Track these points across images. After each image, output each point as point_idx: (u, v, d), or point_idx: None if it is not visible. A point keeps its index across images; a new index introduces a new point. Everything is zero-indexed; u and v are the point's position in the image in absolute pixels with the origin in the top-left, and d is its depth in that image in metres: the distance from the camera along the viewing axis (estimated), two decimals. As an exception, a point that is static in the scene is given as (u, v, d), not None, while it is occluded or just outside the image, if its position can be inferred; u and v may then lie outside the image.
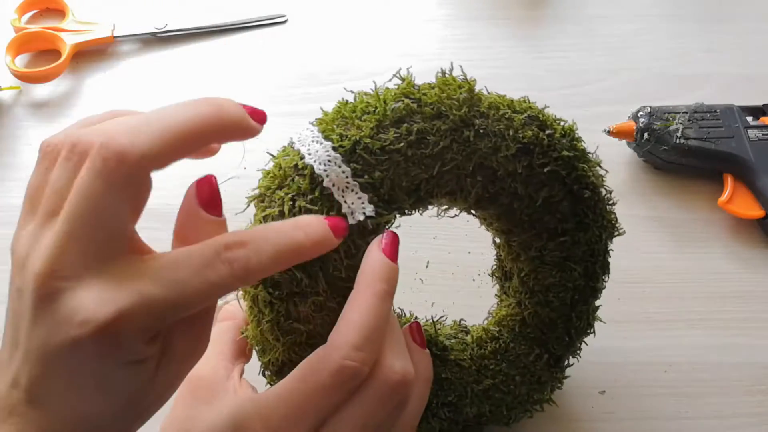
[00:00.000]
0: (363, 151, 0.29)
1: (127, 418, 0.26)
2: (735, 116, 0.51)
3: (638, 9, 0.63)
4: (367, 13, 0.63)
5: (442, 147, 0.31)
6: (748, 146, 0.49)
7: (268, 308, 0.30)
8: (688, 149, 0.49)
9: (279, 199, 0.29)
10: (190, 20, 0.61)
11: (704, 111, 0.51)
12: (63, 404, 0.24)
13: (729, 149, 0.49)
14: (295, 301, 0.30)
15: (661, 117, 0.50)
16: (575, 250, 0.34)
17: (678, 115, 0.50)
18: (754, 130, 0.50)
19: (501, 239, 0.37)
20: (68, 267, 0.23)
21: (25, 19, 0.62)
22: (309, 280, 0.29)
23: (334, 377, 0.27)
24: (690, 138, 0.49)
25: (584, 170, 0.33)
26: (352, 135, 0.30)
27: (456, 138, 0.31)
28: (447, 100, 0.31)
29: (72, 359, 0.23)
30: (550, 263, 0.35)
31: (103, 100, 0.57)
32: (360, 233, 0.30)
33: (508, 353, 0.37)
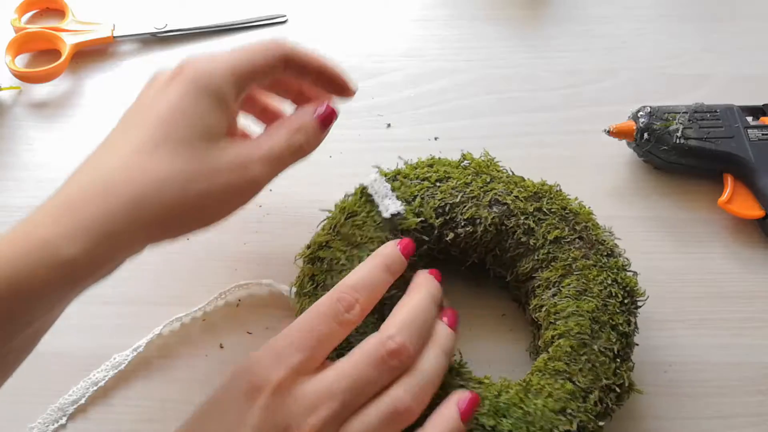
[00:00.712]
0: (402, 177, 0.43)
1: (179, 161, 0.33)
2: (735, 116, 0.50)
3: (638, 9, 0.63)
4: (367, 13, 0.63)
5: (463, 182, 0.43)
6: (748, 146, 0.49)
7: (310, 282, 0.40)
8: (688, 149, 0.49)
9: (338, 205, 0.43)
10: (190, 20, 0.61)
11: (704, 111, 0.50)
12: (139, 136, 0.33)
13: (729, 149, 0.49)
14: (332, 275, 0.39)
15: (661, 117, 0.50)
16: (591, 285, 0.39)
17: (678, 115, 0.50)
18: (754, 130, 0.50)
19: (528, 294, 0.42)
20: None
21: (25, 19, 0.62)
22: (346, 260, 0.40)
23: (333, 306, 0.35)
24: (690, 138, 0.49)
25: (594, 225, 0.42)
26: (395, 171, 0.44)
27: (475, 178, 0.43)
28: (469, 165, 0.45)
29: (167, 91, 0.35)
30: (567, 296, 0.39)
31: (103, 100, 0.57)
32: (392, 231, 0.41)
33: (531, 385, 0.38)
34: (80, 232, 0.29)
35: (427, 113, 0.56)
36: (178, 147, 0.33)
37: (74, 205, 0.30)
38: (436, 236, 0.43)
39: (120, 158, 0.32)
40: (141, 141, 0.32)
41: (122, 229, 0.30)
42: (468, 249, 0.43)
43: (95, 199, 0.30)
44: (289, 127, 0.38)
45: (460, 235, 0.42)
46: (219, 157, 0.34)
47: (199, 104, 0.34)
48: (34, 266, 0.28)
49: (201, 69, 0.34)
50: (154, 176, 0.32)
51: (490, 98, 0.57)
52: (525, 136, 0.54)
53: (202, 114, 0.34)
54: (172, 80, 0.35)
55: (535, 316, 0.41)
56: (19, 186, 0.53)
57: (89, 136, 0.55)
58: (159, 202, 0.31)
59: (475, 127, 0.55)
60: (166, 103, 0.34)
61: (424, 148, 0.53)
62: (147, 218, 0.31)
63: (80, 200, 0.30)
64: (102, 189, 0.31)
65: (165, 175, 0.32)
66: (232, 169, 0.34)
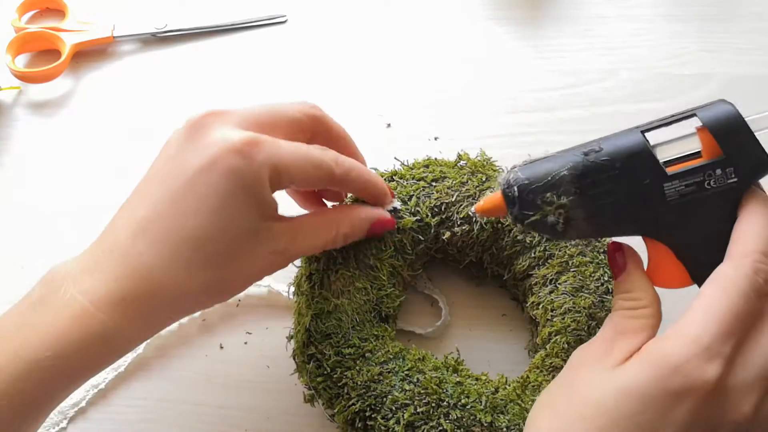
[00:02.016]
0: (398, 177, 0.44)
1: (223, 258, 0.32)
2: (643, 166, 0.32)
3: (638, 9, 0.63)
4: (367, 13, 0.63)
5: (459, 181, 0.43)
6: (665, 214, 0.32)
7: (307, 282, 0.40)
8: (579, 235, 0.33)
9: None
10: (190, 20, 0.61)
11: (597, 172, 0.32)
12: (173, 226, 0.32)
13: (636, 227, 0.33)
14: (329, 274, 0.40)
15: (535, 194, 0.32)
16: (587, 281, 0.39)
17: (560, 189, 0.32)
18: (672, 184, 0.32)
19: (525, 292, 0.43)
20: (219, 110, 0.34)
21: (25, 19, 0.62)
22: (343, 259, 0.40)
23: (749, 283, 0.28)
24: (580, 221, 0.32)
25: None
26: (392, 172, 0.44)
27: (471, 177, 0.43)
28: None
29: (205, 177, 0.31)
30: (564, 293, 0.39)
31: (103, 100, 0.57)
32: (387, 233, 0.41)
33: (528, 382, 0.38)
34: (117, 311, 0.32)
35: (427, 113, 0.56)
36: (218, 247, 0.32)
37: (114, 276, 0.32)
38: (432, 235, 0.43)
39: (154, 246, 0.32)
40: (181, 230, 0.32)
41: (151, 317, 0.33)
42: (465, 248, 0.43)
43: (127, 271, 0.32)
44: (338, 228, 0.37)
45: (457, 233, 0.42)
46: (254, 252, 0.33)
47: (239, 203, 0.32)
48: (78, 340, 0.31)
49: (244, 165, 0.31)
50: (192, 272, 0.32)
51: (490, 98, 0.57)
52: (525, 136, 0.54)
53: (242, 213, 0.32)
54: (215, 167, 0.31)
55: (533, 313, 0.41)
56: (18, 186, 0.53)
57: (89, 135, 0.56)
58: (191, 296, 0.33)
59: (475, 127, 0.55)
60: (207, 197, 0.32)
61: (423, 148, 0.53)
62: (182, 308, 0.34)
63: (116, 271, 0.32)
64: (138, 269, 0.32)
65: (201, 271, 0.32)
66: (268, 262, 0.35)
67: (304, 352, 0.39)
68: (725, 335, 0.28)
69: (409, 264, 0.43)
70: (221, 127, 0.33)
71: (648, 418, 0.27)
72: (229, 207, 0.32)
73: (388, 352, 0.38)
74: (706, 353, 0.27)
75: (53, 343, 0.30)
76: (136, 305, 0.31)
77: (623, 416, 0.28)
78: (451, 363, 0.39)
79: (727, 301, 0.28)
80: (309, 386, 0.39)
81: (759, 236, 0.29)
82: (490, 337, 0.44)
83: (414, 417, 0.36)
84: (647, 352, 0.29)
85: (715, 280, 0.29)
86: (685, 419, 0.27)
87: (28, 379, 0.30)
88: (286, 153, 0.33)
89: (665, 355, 0.28)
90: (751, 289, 0.28)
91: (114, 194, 0.51)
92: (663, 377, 0.27)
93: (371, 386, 0.37)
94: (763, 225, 0.30)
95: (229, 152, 0.31)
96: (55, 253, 0.49)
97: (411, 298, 0.45)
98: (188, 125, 0.33)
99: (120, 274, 0.32)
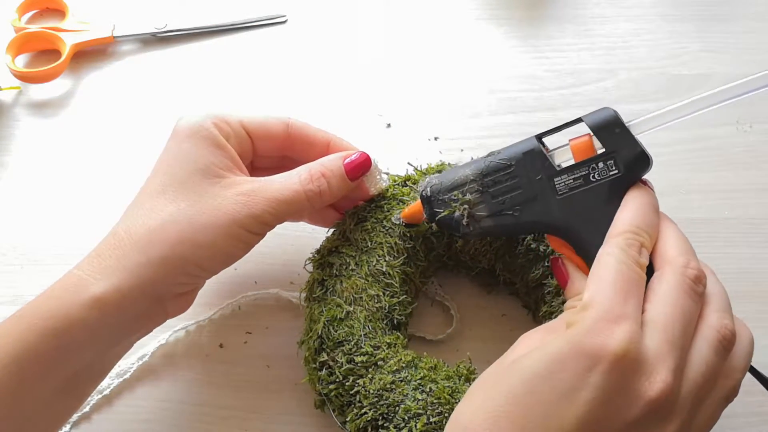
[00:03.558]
0: (411, 183, 0.44)
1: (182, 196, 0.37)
2: (536, 163, 0.36)
3: (638, 9, 0.63)
4: (367, 14, 0.63)
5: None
6: (556, 206, 0.35)
7: (319, 288, 0.40)
8: (482, 232, 0.37)
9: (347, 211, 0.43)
10: (190, 20, 0.61)
11: (496, 171, 0.37)
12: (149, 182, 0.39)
13: (532, 217, 0.36)
14: (341, 280, 0.40)
15: (445, 194, 0.38)
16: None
17: (465, 187, 0.37)
18: (562, 178, 0.35)
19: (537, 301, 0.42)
20: None
21: (25, 19, 0.62)
22: (355, 265, 0.40)
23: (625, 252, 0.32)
24: (482, 217, 0.37)
25: None
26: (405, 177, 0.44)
27: None
28: None
29: (173, 140, 0.40)
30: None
31: (103, 100, 0.57)
32: (401, 236, 0.41)
33: None
34: (104, 270, 0.35)
35: (427, 113, 0.56)
36: (180, 187, 0.37)
37: (99, 248, 0.37)
38: (445, 242, 0.42)
39: (136, 203, 0.38)
40: (152, 186, 0.38)
41: (136, 262, 0.35)
42: (478, 255, 0.43)
43: (111, 240, 0.36)
44: (310, 170, 0.39)
45: (470, 241, 0.42)
46: (220, 193, 0.37)
47: (193, 147, 0.38)
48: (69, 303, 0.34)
49: (188, 120, 0.39)
50: (163, 214, 0.36)
51: (490, 98, 0.57)
52: (525, 136, 0.54)
53: (196, 155, 0.38)
54: (176, 133, 0.40)
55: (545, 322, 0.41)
56: (19, 186, 0.53)
57: (89, 135, 0.56)
58: (168, 237, 0.36)
59: (475, 127, 0.55)
60: (166, 153, 0.39)
61: (424, 148, 0.53)
62: (159, 252, 0.35)
63: (103, 245, 0.37)
64: (117, 234, 0.37)
65: (171, 210, 0.37)
66: (235, 202, 0.37)
67: (316, 359, 0.39)
68: (621, 297, 0.30)
69: (421, 271, 0.43)
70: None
71: (565, 377, 0.28)
72: (184, 149, 0.38)
73: (400, 360, 0.38)
74: (611, 315, 0.29)
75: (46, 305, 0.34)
76: (104, 255, 0.36)
77: (542, 376, 0.29)
78: (464, 372, 0.39)
79: (612, 270, 0.31)
80: (320, 393, 0.39)
81: (630, 217, 0.33)
82: (491, 337, 0.44)
83: (427, 427, 0.36)
84: (568, 324, 0.31)
85: (597, 259, 0.32)
86: (601, 382, 0.28)
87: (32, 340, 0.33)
88: (229, 112, 0.41)
89: (578, 322, 0.30)
90: (628, 258, 0.32)
91: (114, 194, 0.51)
92: (577, 340, 0.29)
93: (383, 395, 0.37)
94: (634, 208, 0.34)
95: (188, 120, 0.39)
96: (56, 253, 0.49)
97: (419, 303, 0.45)
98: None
99: (104, 243, 0.37)
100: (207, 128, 0.39)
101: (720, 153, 0.53)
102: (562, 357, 0.29)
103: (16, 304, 0.46)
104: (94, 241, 0.37)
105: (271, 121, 0.41)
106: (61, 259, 0.49)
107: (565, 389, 0.28)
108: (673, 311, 0.30)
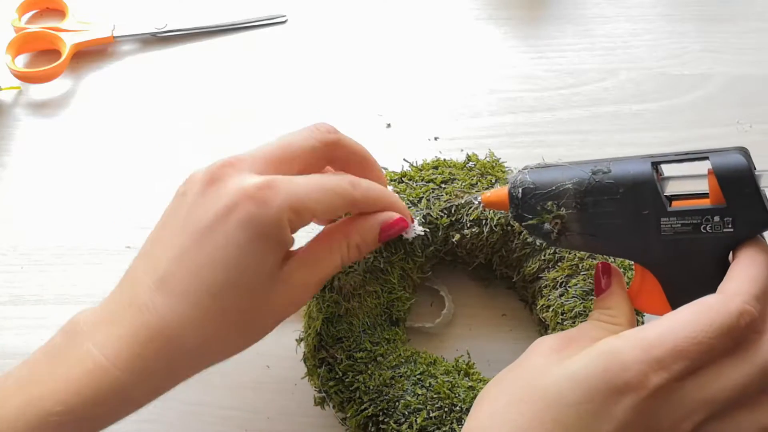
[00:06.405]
0: (407, 179, 0.44)
1: (241, 307, 0.32)
2: (645, 196, 0.32)
3: (638, 9, 0.63)
4: (367, 13, 0.63)
5: (469, 183, 0.43)
6: (657, 245, 0.32)
7: None
8: (569, 246, 0.35)
9: None
10: (190, 20, 0.61)
11: (600, 192, 0.33)
12: (192, 279, 0.31)
13: (627, 249, 0.33)
14: (339, 277, 0.39)
15: (537, 199, 0.34)
16: None
17: (562, 201, 0.33)
18: (670, 220, 0.32)
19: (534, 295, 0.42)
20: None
21: (25, 19, 0.62)
22: (353, 262, 0.39)
23: (729, 320, 0.27)
24: (573, 234, 0.34)
25: None
26: (401, 173, 0.44)
27: (481, 179, 0.44)
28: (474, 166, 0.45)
29: (223, 227, 0.31)
30: (574, 296, 0.39)
31: (103, 100, 0.57)
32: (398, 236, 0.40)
33: None
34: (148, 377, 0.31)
35: (427, 113, 0.56)
36: (236, 295, 0.32)
37: (140, 343, 0.31)
38: (442, 237, 0.43)
39: (170, 298, 0.31)
40: (199, 281, 0.31)
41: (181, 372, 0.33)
42: (474, 250, 0.43)
43: (154, 337, 0.31)
44: (346, 237, 0.36)
45: (467, 236, 0.42)
46: (274, 299, 0.33)
47: (257, 250, 0.31)
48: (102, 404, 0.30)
49: (260, 212, 0.31)
50: (209, 323, 0.31)
51: (490, 98, 0.57)
52: (525, 136, 0.54)
53: (260, 260, 0.32)
54: (231, 215, 0.31)
55: (543, 316, 0.41)
56: (19, 186, 0.53)
57: (89, 135, 0.56)
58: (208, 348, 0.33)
59: (475, 127, 0.55)
60: (224, 246, 0.31)
61: (424, 148, 0.53)
62: (209, 362, 0.34)
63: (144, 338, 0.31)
64: (164, 334, 0.31)
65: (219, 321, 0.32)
66: (288, 306, 0.34)
67: (315, 355, 0.39)
68: (680, 356, 0.27)
69: (418, 266, 0.43)
70: (236, 175, 0.32)
71: (589, 408, 0.27)
72: (246, 257, 0.31)
73: (399, 356, 0.38)
74: (655, 364, 0.27)
75: (66, 396, 0.30)
76: (152, 361, 0.31)
77: (566, 403, 0.28)
78: (463, 367, 0.39)
79: (699, 329, 0.27)
80: (320, 390, 0.39)
81: (755, 279, 0.29)
82: (491, 337, 0.44)
83: (427, 422, 0.36)
84: (600, 345, 0.29)
85: (697, 304, 0.28)
86: (624, 417, 0.27)
87: (40, 429, 0.29)
88: (302, 190, 0.32)
89: (616, 351, 0.28)
90: (729, 327, 0.27)
91: (114, 194, 0.51)
92: (609, 371, 0.27)
93: (383, 390, 0.37)
94: (760, 270, 0.30)
95: (244, 200, 0.31)
96: (56, 253, 0.49)
97: (417, 298, 0.45)
98: (205, 176, 0.33)
99: (137, 329, 0.31)
100: (282, 226, 0.32)
101: (720, 153, 0.53)
102: (591, 388, 0.27)
103: (16, 304, 0.46)
104: (94, 241, 0.37)
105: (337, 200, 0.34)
106: (61, 259, 0.49)
107: (590, 421, 0.27)
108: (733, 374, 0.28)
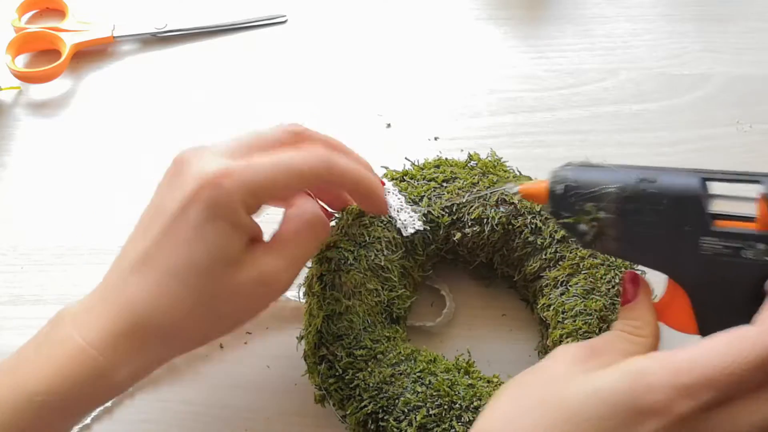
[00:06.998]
0: (408, 178, 0.44)
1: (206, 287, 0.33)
2: (688, 211, 0.31)
3: (638, 9, 0.63)
4: (367, 13, 0.63)
5: (470, 182, 0.43)
6: (695, 263, 0.31)
7: (318, 283, 0.40)
8: (602, 249, 0.34)
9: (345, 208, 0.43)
10: (190, 20, 0.61)
11: (644, 201, 0.32)
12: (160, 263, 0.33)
13: (662, 262, 0.32)
14: (340, 275, 0.39)
15: (577, 198, 0.33)
16: (598, 284, 0.39)
17: (602, 204, 0.32)
18: (711, 240, 0.31)
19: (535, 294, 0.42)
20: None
21: (25, 19, 0.62)
22: (354, 260, 0.40)
23: (765, 353, 0.26)
24: (609, 239, 0.33)
25: None
26: (403, 172, 0.45)
27: (482, 178, 0.43)
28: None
29: (185, 211, 0.32)
30: (575, 295, 0.39)
31: (103, 100, 0.57)
32: (399, 230, 0.41)
33: None
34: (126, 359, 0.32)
35: (427, 113, 0.56)
36: (199, 275, 0.33)
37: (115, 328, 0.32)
38: (443, 236, 0.43)
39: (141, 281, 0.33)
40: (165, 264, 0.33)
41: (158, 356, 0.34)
42: (475, 249, 0.43)
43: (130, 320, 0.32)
44: (313, 225, 0.37)
45: (468, 234, 0.42)
46: (240, 279, 0.33)
47: (215, 231, 0.32)
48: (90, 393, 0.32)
49: (216, 196, 0.32)
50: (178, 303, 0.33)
51: (490, 98, 0.57)
52: (525, 136, 0.54)
53: (218, 241, 0.33)
54: (192, 201, 0.32)
55: (543, 315, 0.41)
56: (19, 186, 0.53)
57: (89, 135, 0.56)
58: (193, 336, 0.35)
59: (475, 127, 0.55)
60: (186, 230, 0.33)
61: (424, 148, 0.53)
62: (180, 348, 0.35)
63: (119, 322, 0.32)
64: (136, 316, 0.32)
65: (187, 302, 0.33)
66: (256, 286, 0.34)
67: (316, 353, 0.39)
68: (710, 385, 0.26)
69: (419, 265, 0.43)
70: (201, 160, 0.33)
71: (609, 426, 0.27)
72: (205, 240, 0.32)
73: (399, 353, 0.38)
74: (683, 390, 0.26)
75: (48, 379, 0.31)
76: (128, 342, 0.32)
77: (586, 417, 0.27)
78: (463, 365, 0.39)
79: (732, 359, 0.26)
80: (320, 387, 0.39)
81: None
82: (490, 337, 0.44)
83: (426, 419, 0.36)
84: (629, 364, 0.28)
85: (734, 335, 0.27)
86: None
87: (24, 412, 0.31)
88: (260, 172, 0.33)
89: (645, 372, 0.27)
90: (764, 361, 0.26)
91: (114, 194, 0.51)
92: (636, 391, 0.27)
93: (383, 388, 0.37)
94: None
95: (204, 184, 0.32)
96: (56, 253, 0.49)
97: (417, 297, 0.45)
98: (173, 161, 0.34)
99: (114, 312, 0.32)
100: (235, 210, 0.33)
101: (720, 153, 0.53)
102: (614, 405, 0.27)
103: (16, 304, 0.46)
104: (93, 241, 0.37)
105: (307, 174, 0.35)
106: (61, 259, 0.49)
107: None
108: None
